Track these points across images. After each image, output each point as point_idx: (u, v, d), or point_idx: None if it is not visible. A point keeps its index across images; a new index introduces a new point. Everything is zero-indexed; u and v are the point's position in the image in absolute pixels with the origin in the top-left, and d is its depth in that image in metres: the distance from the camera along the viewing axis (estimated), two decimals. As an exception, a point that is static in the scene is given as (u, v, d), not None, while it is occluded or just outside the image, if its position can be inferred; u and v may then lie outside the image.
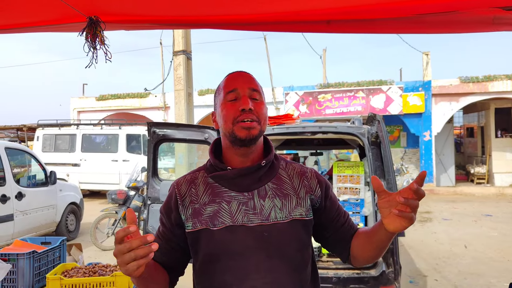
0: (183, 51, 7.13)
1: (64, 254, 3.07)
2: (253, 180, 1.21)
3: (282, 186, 1.23)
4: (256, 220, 1.16)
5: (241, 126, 1.16)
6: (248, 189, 1.20)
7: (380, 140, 3.37)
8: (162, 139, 3.97)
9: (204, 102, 15.81)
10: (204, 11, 2.00)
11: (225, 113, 1.20)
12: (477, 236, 7.30)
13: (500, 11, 1.79)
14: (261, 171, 1.22)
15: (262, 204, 1.18)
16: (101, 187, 12.31)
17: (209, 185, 1.23)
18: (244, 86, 1.21)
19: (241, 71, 1.27)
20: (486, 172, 14.53)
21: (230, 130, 1.18)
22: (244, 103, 1.17)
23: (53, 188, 7.05)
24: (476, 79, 13.39)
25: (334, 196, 1.33)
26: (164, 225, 1.27)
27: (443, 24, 1.94)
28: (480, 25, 1.91)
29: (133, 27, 2.13)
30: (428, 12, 1.78)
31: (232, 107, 1.19)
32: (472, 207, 10.64)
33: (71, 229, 7.52)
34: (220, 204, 1.18)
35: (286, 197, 1.21)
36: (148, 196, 4.03)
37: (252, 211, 1.17)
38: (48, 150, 12.74)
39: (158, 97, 16.47)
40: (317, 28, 1.96)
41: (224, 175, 1.21)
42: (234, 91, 1.20)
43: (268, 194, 1.20)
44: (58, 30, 1.95)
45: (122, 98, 17.07)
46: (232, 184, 1.20)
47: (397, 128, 15.37)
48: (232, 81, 1.23)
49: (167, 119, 16.08)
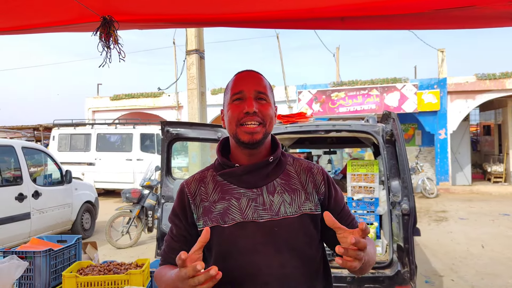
0: (196, 50, 7.15)
1: (79, 252, 3.10)
2: (261, 176, 1.22)
3: (290, 182, 1.24)
4: (266, 216, 1.17)
5: (244, 130, 1.18)
6: (257, 185, 1.21)
7: (395, 138, 3.33)
8: (176, 138, 3.99)
9: (217, 101, 15.85)
10: (217, 9, 2.00)
11: (230, 114, 1.21)
12: (494, 235, 7.17)
13: (519, 6, 1.74)
14: (269, 167, 1.23)
15: (271, 199, 1.19)
16: (115, 186, 12.44)
17: (218, 183, 1.24)
18: (251, 88, 1.21)
19: (249, 71, 1.27)
20: (504, 171, 14.27)
21: (234, 132, 1.20)
22: (248, 106, 1.18)
23: (69, 187, 7.15)
24: (493, 76, 13.15)
25: (340, 196, 1.33)
26: (178, 226, 1.26)
27: (459, 19, 1.90)
28: (498, 20, 1.86)
29: (146, 26, 2.14)
30: (445, 8, 1.75)
31: (237, 108, 1.20)
32: (489, 206, 10.46)
33: (86, 228, 7.62)
34: (229, 201, 1.19)
35: (294, 192, 1.22)
36: (162, 194, 4.05)
37: (262, 207, 1.18)
38: (63, 149, 12.91)
39: (172, 97, 16.57)
40: (332, 25, 1.94)
41: (232, 172, 1.23)
42: (240, 93, 1.21)
43: (277, 190, 1.21)
44: (72, 30, 1.97)
45: (136, 98, 17.22)
46: (241, 181, 1.21)
47: (411, 127, 15.19)
48: (239, 82, 1.23)
49: (180, 118, 16.17)
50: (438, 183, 13.54)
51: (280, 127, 4.53)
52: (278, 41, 16.20)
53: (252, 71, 1.28)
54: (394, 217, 3.15)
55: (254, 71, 1.28)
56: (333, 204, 1.29)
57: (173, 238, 1.27)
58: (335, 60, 21.64)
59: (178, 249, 1.22)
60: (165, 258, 1.29)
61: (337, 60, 21.67)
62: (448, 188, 13.33)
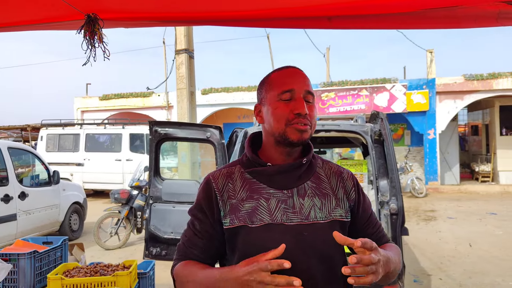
0: (185, 50, 7.11)
1: (65, 254, 3.06)
2: (292, 178, 1.18)
3: (320, 185, 1.21)
4: (296, 219, 1.13)
5: (295, 128, 1.14)
6: (288, 186, 1.17)
7: (383, 138, 3.34)
8: (164, 138, 3.96)
9: (208, 101, 15.80)
10: (205, 7, 1.98)
11: (279, 112, 1.16)
12: (482, 234, 7.25)
13: (505, 6, 1.75)
14: (301, 169, 1.20)
15: (302, 203, 1.15)
16: (104, 186, 12.34)
17: (246, 180, 1.19)
18: (301, 87, 1.17)
19: (296, 69, 1.22)
20: (491, 170, 14.44)
21: (282, 131, 1.15)
22: (301, 107, 1.14)
23: (56, 188, 7.06)
24: (481, 77, 13.30)
25: (367, 204, 1.30)
26: (203, 221, 1.20)
27: (447, 19, 1.91)
28: (485, 20, 1.87)
29: (132, 24, 2.11)
30: (432, 7, 1.75)
31: (287, 107, 1.15)
32: (477, 205, 10.57)
33: (74, 229, 7.53)
34: (258, 200, 1.15)
35: (325, 197, 1.19)
36: (150, 195, 4.01)
37: (292, 210, 1.14)
38: (52, 149, 12.78)
39: (162, 96, 16.48)
40: (319, 24, 1.93)
41: (263, 171, 1.18)
42: (291, 92, 1.16)
43: (308, 193, 1.17)
44: (56, 28, 1.94)
45: (125, 98, 17.09)
46: (271, 181, 1.17)
47: (401, 127, 15.29)
48: (289, 79, 1.18)
49: (170, 118, 16.09)
50: (427, 183, 13.65)
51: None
52: (269, 41, 16.21)
53: (298, 68, 1.23)
54: (382, 216, 3.16)
55: (299, 68, 1.23)
56: (361, 212, 1.26)
57: (196, 234, 1.21)
58: (325, 60, 21.71)
59: (201, 246, 1.19)
60: (184, 254, 1.22)
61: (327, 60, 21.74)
62: (437, 187, 13.45)
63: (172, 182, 4.15)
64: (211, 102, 15.80)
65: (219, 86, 15.95)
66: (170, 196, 3.94)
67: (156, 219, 3.95)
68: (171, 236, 3.90)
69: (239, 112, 16.97)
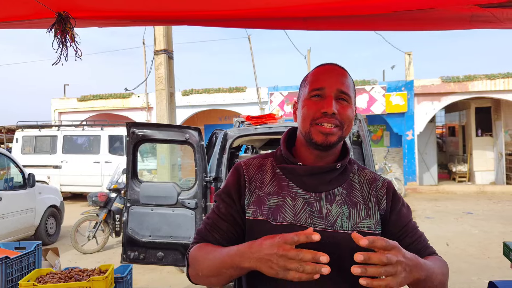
0: (164, 50, 7.04)
1: (39, 259, 2.97)
2: (322, 181, 1.12)
3: (351, 193, 1.14)
4: (321, 225, 1.07)
5: (319, 130, 1.08)
6: (317, 190, 1.11)
7: (361, 140, 3.36)
8: (142, 139, 3.90)
9: (188, 102, 15.69)
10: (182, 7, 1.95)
11: (305, 111, 1.11)
12: (458, 233, 7.39)
13: (477, 9, 1.79)
14: (334, 173, 1.13)
15: (329, 209, 1.09)
16: (83, 189, 12.11)
17: (276, 175, 1.15)
18: (333, 85, 1.10)
19: (334, 65, 1.16)
20: (468, 171, 14.76)
21: (307, 130, 1.11)
22: (327, 106, 1.07)
23: (32, 191, 6.88)
24: (457, 79, 13.58)
25: (405, 212, 1.19)
26: (229, 204, 1.15)
27: (421, 21, 1.93)
28: (458, 22, 1.90)
29: (106, 23, 2.07)
30: (406, 9, 1.76)
31: (314, 106, 1.10)
32: (454, 205, 10.78)
33: (51, 233, 7.36)
34: (284, 198, 1.10)
35: (355, 206, 1.12)
36: (128, 198, 3.95)
37: (317, 214, 1.08)
38: (28, 152, 12.48)
39: (141, 98, 16.29)
40: (294, 25, 1.93)
41: (294, 170, 1.13)
42: (321, 90, 1.10)
43: (337, 200, 1.11)
44: (25, 26, 1.88)
45: (104, 99, 16.83)
46: (301, 181, 1.12)
47: (380, 128, 15.49)
48: (322, 77, 1.12)
49: (150, 119, 15.90)
50: (406, 183, 13.86)
51: (250, 128, 4.51)
52: (250, 42, 16.19)
53: (337, 65, 1.16)
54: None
55: (339, 65, 1.16)
56: (394, 220, 1.15)
57: (220, 217, 1.15)
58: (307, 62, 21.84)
59: (224, 229, 1.14)
60: (204, 236, 1.16)
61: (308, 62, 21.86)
62: (415, 187, 13.67)
63: (150, 184, 4.09)
64: (192, 103, 15.69)
65: (200, 87, 15.87)
66: (148, 199, 3.88)
67: (134, 222, 3.88)
68: (149, 240, 3.85)
69: (220, 114, 16.91)
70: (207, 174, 3.92)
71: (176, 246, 3.79)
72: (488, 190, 13.22)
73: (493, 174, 14.37)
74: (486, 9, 1.77)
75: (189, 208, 3.84)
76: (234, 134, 4.37)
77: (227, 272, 1.02)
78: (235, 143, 4.46)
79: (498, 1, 1.74)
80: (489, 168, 14.37)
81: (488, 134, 14.59)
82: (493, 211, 9.73)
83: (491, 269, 5.28)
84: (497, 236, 7.03)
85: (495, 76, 13.33)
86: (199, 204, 3.84)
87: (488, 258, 5.77)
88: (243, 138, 4.47)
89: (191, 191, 3.91)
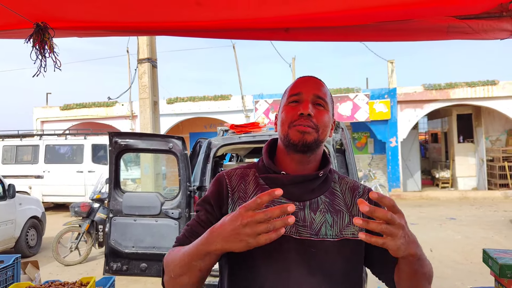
0: (148, 59, 7.01)
1: (18, 273, 2.90)
2: (306, 190, 1.13)
3: (334, 201, 1.15)
4: (305, 234, 1.08)
5: (296, 129, 1.10)
6: (300, 199, 1.12)
7: (344, 148, 3.39)
8: (125, 149, 3.86)
9: (173, 110, 15.62)
10: (161, 18, 1.95)
11: (284, 115, 1.14)
12: (442, 239, 7.47)
13: (454, 20, 1.82)
14: (316, 182, 1.15)
15: (313, 217, 1.10)
16: (65, 199, 11.90)
17: (259, 185, 1.15)
18: (310, 91, 1.14)
19: (311, 76, 1.21)
20: (450, 177, 14.98)
21: (286, 133, 1.13)
22: (304, 108, 1.11)
23: (12, 202, 6.73)
24: (439, 87, 13.83)
25: None
26: (209, 212, 1.15)
27: (400, 32, 1.96)
28: (436, 33, 1.94)
29: (86, 33, 2.05)
30: (385, 20, 1.79)
31: (292, 110, 1.13)
32: (437, 211, 10.91)
33: (31, 245, 7.20)
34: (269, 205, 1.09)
35: (338, 214, 1.13)
36: (111, 208, 3.89)
37: (302, 223, 1.09)
38: (8, 162, 12.24)
39: (125, 106, 16.16)
40: (277, 35, 1.94)
41: (277, 180, 1.14)
42: (298, 95, 1.14)
43: (320, 208, 1.12)
44: (3, 36, 1.85)
45: (87, 108, 16.64)
46: (285, 190, 1.09)
47: (364, 135, 15.65)
48: (299, 85, 1.17)
49: (134, 128, 15.78)
50: (390, 190, 14.00)
51: (234, 137, 4.50)
52: (235, 51, 16.24)
53: (314, 76, 1.21)
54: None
55: (316, 77, 1.21)
56: None
57: (199, 223, 1.14)
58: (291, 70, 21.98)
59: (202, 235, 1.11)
60: (182, 243, 1.14)
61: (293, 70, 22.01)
62: (399, 194, 13.81)
63: (133, 194, 4.04)
64: (177, 112, 15.62)
65: (185, 95, 15.82)
66: (131, 209, 3.83)
67: (117, 233, 3.83)
68: (132, 251, 3.79)
69: (205, 122, 16.87)
70: (190, 184, 3.90)
71: (160, 257, 3.74)
72: (470, 195, 13.43)
73: (475, 180, 14.62)
74: (462, 20, 1.81)
75: (172, 218, 3.80)
76: (218, 143, 4.36)
77: (197, 264, 1.00)
78: (219, 152, 4.44)
79: (474, 12, 1.79)
80: (471, 174, 14.62)
81: (469, 140, 14.86)
82: (475, 216, 9.89)
83: (474, 274, 5.34)
84: (479, 242, 7.14)
85: (475, 83, 13.62)
86: (182, 214, 3.81)
87: (471, 264, 5.84)
88: (227, 146, 4.46)
89: (175, 200, 3.87)
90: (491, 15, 1.74)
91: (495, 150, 14.23)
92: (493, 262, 1.84)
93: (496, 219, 9.34)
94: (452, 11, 1.79)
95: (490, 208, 11.14)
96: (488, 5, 1.69)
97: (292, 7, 1.69)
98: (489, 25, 1.75)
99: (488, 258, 1.86)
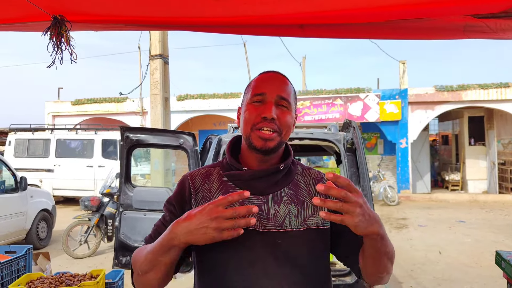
0: (160, 55, 7.04)
1: (30, 264, 2.94)
2: (269, 183, 1.15)
3: (298, 193, 1.17)
4: (270, 226, 1.10)
5: (258, 135, 1.11)
6: (264, 192, 1.14)
7: (355, 147, 3.37)
8: (136, 144, 3.88)
9: (183, 107, 15.67)
10: (178, 13, 1.96)
11: (247, 115, 1.15)
12: (451, 242, 7.41)
13: (471, 19, 1.80)
14: (278, 175, 1.17)
15: (277, 209, 1.12)
16: (75, 193, 12.02)
17: (223, 183, 1.17)
18: (274, 92, 1.14)
19: (276, 72, 1.21)
20: (460, 179, 14.83)
21: (248, 134, 1.14)
22: (267, 111, 1.11)
23: (23, 195, 6.82)
24: (451, 88, 13.69)
25: None
26: (174, 213, 1.17)
27: (415, 30, 1.95)
28: (452, 32, 1.92)
29: (102, 27, 2.07)
30: (400, 18, 1.78)
31: (255, 110, 1.14)
32: (447, 213, 10.82)
33: (42, 237, 7.29)
34: (233, 205, 1.09)
35: (302, 204, 1.15)
36: (121, 203, 3.92)
37: (266, 216, 1.11)
38: (20, 155, 12.39)
39: (136, 102, 16.25)
40: (291, 32, 1.94)
41: (240, 176, 1.16)
42: (262, 95, 1.14)
43: (284, 200, 1.14)
44: (20, 29, 1.87)
45: (98, 103, 16.76)
46: (247, 185, 1.14)
47: (374, 136, 15.56)
48: (263, 83, 1.17)
49: (144, 124, 15.85)
50: (399, 191, 13.91)
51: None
52: (245, 49, 16.28)
53: (279, 73, 1.21)
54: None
55: (281, 73, 1.21)
56: None
57: (164, 224, 1.17)
58: (301, 69, 21.96)
59: None
60: (148, 243, 1.17)
61: (303, 69, 22.00)
62: (408, 196, 13.71)
63: (143, 189, 4.07)
64: (187, 109, 15.67)
65: (195, 93, 15.86)
66: (141, 203, 3.86)
67: (126, 227, 3.85)
68: (141, 245, 3.82)
69: (215, 119, 16.90)
70: (201, 180, 3.91)
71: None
72: (480, 199, 13.28)
73: (486, 183, 14.46)
74: (479, 19, 1.79)
75: (182, 214, 3.82)
76: (228, 139, 4.36)
77: (162, 259, 1.04)
78: (229, 149, 4.45)
79: (491, 11, 1.77)
80: (482, 177, 14.46)
81: (481, 143, 14.69)
82: (485, 220, 9.79)
83: (483, 278, 5.29)
84: (489, 245, 7.06)
85: (488, 85, 13.46)
86: (192, 209, 3.82)
87: (481, 267, 5.79)
88: (238, 144, 4.47)
89: (185, 196, 3.89)
90: (509, 14, 1.72)
91: (507, 153, 14.05)
92: (506, 264, 1.82)
93: (507, 223, 9.24)
94: (469, 9, 1.77)
95: (500, 212, 11.02)
96: (506, 4, 1.67)
97: (308, 4, 1.68)
98: (507, 25, 1.73)
99: (501, 260, 1.84)
